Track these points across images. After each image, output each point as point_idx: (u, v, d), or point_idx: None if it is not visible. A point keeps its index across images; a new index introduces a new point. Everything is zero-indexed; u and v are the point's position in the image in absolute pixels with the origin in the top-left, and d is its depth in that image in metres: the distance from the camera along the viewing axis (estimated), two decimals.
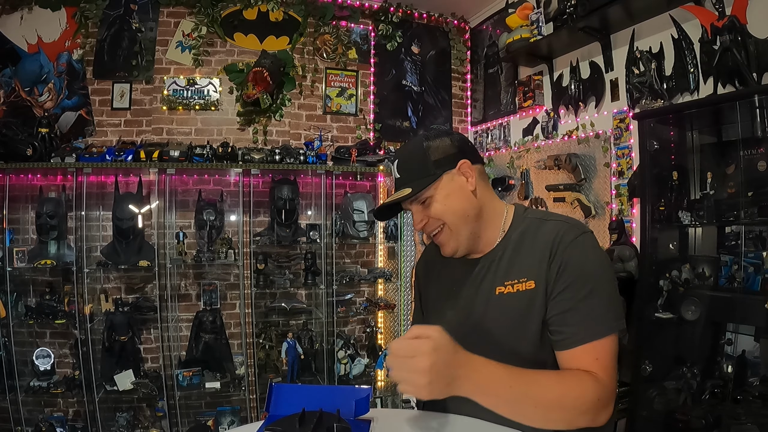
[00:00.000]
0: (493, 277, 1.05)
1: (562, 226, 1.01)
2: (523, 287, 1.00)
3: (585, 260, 0.97)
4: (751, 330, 1.95)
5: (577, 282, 0.95)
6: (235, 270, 3.29)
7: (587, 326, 0.93)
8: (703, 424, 1.93)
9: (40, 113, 3.08)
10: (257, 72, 3.18)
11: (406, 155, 1.11)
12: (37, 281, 3.01)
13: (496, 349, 1.01)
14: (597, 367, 0.92)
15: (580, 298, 0.94)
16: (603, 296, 0.94)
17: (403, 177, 1.07)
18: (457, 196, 1.05)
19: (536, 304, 0.98)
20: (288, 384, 1.54)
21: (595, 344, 0.92)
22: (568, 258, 0.96)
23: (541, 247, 1.00)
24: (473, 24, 3.99)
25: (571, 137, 2.98)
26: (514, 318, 1.00)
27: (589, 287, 0.94)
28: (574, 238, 0.98)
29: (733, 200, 1.99)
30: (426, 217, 1.07)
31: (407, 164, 1.08)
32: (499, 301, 1.03)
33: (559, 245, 0.98)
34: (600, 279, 0.96)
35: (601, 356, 0.92)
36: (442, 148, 1.06)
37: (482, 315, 1.05)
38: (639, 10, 2.47)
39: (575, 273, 0.95)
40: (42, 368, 2.86)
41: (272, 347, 3.27)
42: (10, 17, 3.10)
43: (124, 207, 2.95)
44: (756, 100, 1.84)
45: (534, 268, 0.99)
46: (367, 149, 3.40)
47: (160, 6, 3.29)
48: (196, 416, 3.13)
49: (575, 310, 0.94)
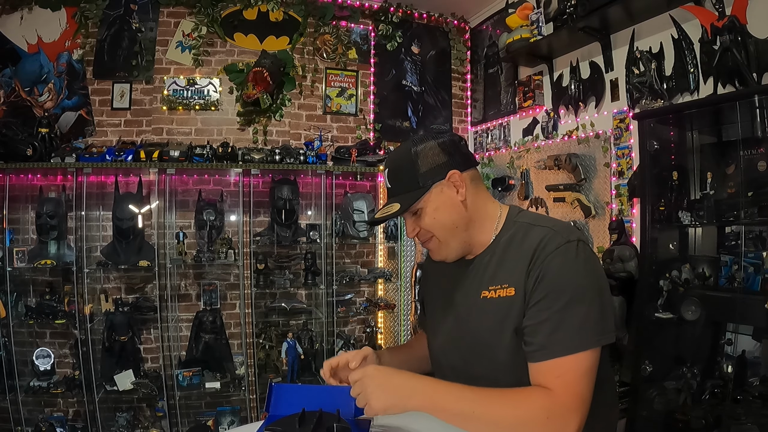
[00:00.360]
0: (480, 281, 1.04)
1: (546, 234, 0.97)
2: (504, 293, 0.98)
3: (564, 271, 0.92)
4: (751, 330, 1.95)
5: (553, 293, 0.91)
6: (235, 270, 3.29)
7: (556, 340, 0.90)
8: (703, 424, 1.93)
9: (40, 113, 3.08)
10: (257, 72, 3.18)
11: (394, 165, 1.09)
12: (37, 281, 3.01)
13: (479, 354, 1.03)
14: (557, 385, 0.89)
15: (555, 311, 0.90)
16: (580, 310, 0.90)
17: (393, 188, 1.07)
18: (446, 209, 1.03)
19: (513, 312, 0.96)
20: (288, 384, 1.54)
21: (561, 360, 0.89)
22: (546, 267, 0.93)
23: (524, 254, 0.97)
24: (473, 24, 3.99)
25: (571, 137, 2.98)
26: (493, 324, 0.99)
27: (565, 300, 0.90)
28: (556, 247, 0.94)
29: (733, 200, 1.99)
30: (417, 227, 1.06)
31: (396, 174, 1.07)
32: (483, 305, 1.02)
33: (540, 253, 0.95)
34: (579, 291, 0.91)
35: (564, 373, 0.89)
36: (431, 158, 1.03)
37: (468, 318, 1.05)
38: (639, 10, 2.47)
39: (552, 284, 0.92)
40: (42, 368, 2.86)
41: (272, 347, 3.27)
42: (10, 17, 3.10)
43: (124, 207, 2.95)
44: (756, 100, 1.84)
45: (515, 275, 0.97)
46: (367, 149, 3.40)
47: (160, 6, 3.29)
48: (196, 416, 3.13)
49: (547, 322, 0.91)
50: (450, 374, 1.11)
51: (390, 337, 3.62)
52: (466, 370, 1.05)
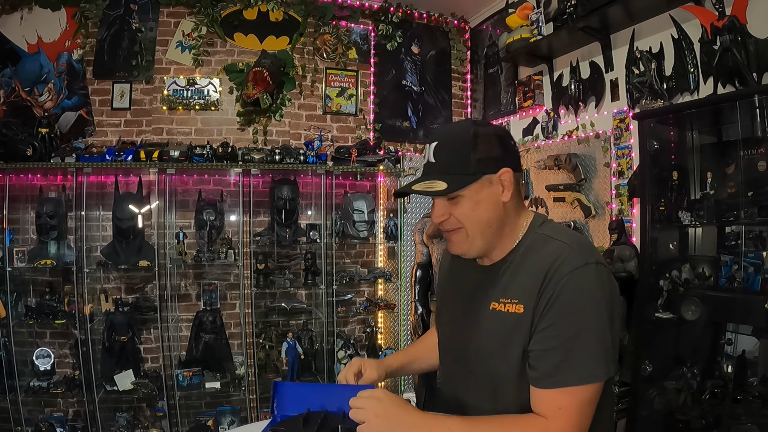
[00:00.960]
0: (492, 291, 1.00)
1: (563, 251, 0.91)
2: (513, 309, 0.94)
3: (578, 298, 0.87)
4: (751, 330, 1.95)
5: (564, 321, 0.87)
6: (235, 270, 3.29)
7: (563, 370, 0.86)
8: (703, 424, 1.93)
9: (40, 113, 3.08)
10: (257, 72, 3.18)
11: (449, 139, 0.98)
12: (37, 281, 3.01)
13: (481, 365, 1.00)
14: (558, 417, 0.86)
15: (563, 339, 0.87)
16: (590, 341, 0.86)
17: (439, 164, 0.96)
18: (487, 205, 0.96)
19: (521, 331, 0.92)
20: (292, 382, 1.54)
21: (565, 391, 0.86)
22: (560, 291, 0.88)
23: (537, 270, 0.92)
24: (473, 24, 3.99)
25: (571, 137, 2.98)
26: (498, 338, 0.96)
27: (576, 329, 0.86)
28: (572, 269, 0.88)
29: (733, 200, 1.99)
30: (448, 214, 0.98)
31: (448, 151, 0.96)
32: (491, 318, 0.98)
33: (555, 274, 0.89)
34: (591, 321, 0.87)
35: (566, 405, 0.86)
36: (489, 146, 0.95)
37: (474, 328, 1.02)
38: (639, 10, 2.47)
39: (563, 310, 0.87)
40: (42, 368, 2.86)
41: (272, 347, 3.27)
42: (10, 17, 3.10)
43: (124, 207, 2.95)
44: (756, 100, 1.84)
45: (526, 292, 0.93)
46: (367, 149, 3.40)
47: (160, 6, 3.29)
48: (196, 416, 3.13)
49: (555, 351, 0.87)
50: (452, 379, 1.11)
51: (390, 337, 3.62)
52: (466, 377, 1.04)
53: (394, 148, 3.61)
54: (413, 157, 3.69)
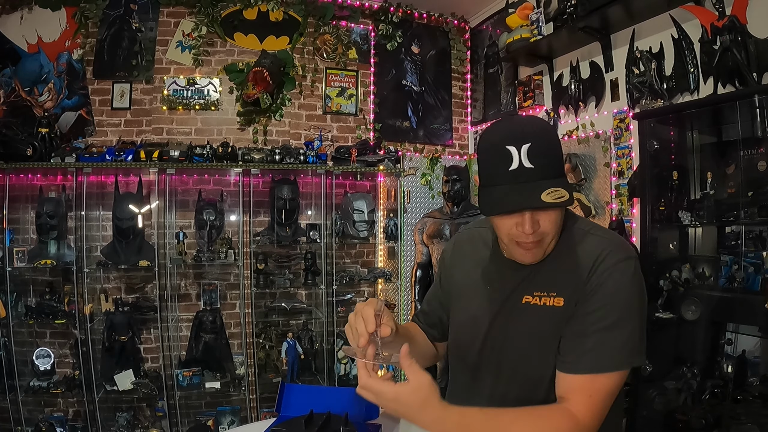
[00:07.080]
0: (526, 285, 0.98)
1: (606, 246, 0.93)
2: (551, 302, 0.94)
3: (620, 288, 0.90)
4: (750, 330, 1.95)
5: (604, 309, 0.89)
6: (235, 270, 3.29)
7: (596, 357, 0.88)
8: (703, 424, 1.92)
9: (40, 113, 3.08)
10: (257, 72, 3.18)
11: (542, 143, 0.87)
12: (37, 281, 3.00)
13: (511, 365, 0.98)
14: (586, 405, 0.87)
15: (602, 327, 0.88)
16: (625, 329, 0.89)
17: (538, 169, 0.86)
18: (560, 210, 0.92)
19: (559, 326, 0.92)
20: (299, 384, 1.53)
21: (596, 378, 0.87)
22: (604, 282, 0.90)
23: (579, 263, 0.93)
24: (473, 24, 3.99)
25: (571, 137, 2.98)
26: (532, 334, 0.95)
27: (614, 318, 0.88)
28: (617, 262, 0.91)
29: (733, 200, 1.99)
30: (537, 224, 0.90)
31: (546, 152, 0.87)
32: (523, 311, 0.96)
33: (600, 265, 0.91)
34: (629, 311, 0.90)
35: (595, 393, 0.87)
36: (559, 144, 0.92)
37: (504, 321, 1.00)
38: (639, 10, 2.47)
39: (606, 300, 0.89)
40: (42, 368, 2.86)
41: (272, 347, 3.27)
42: (10, 17, 3.10)
43: (124, 207, 2.95)
44: (756, 100, 1.84)
45: (566, 284, 0.93)
46: (367, 149, 3.40)
47: (160, 6, 3.29)
48: (196, 416, 3.13)
49: (593, 336, 0.89)
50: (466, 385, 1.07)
51: None
52: (493, 369, 1.02)
53: (394, 148, 3.61)
54: (413, 157, 3.69)
